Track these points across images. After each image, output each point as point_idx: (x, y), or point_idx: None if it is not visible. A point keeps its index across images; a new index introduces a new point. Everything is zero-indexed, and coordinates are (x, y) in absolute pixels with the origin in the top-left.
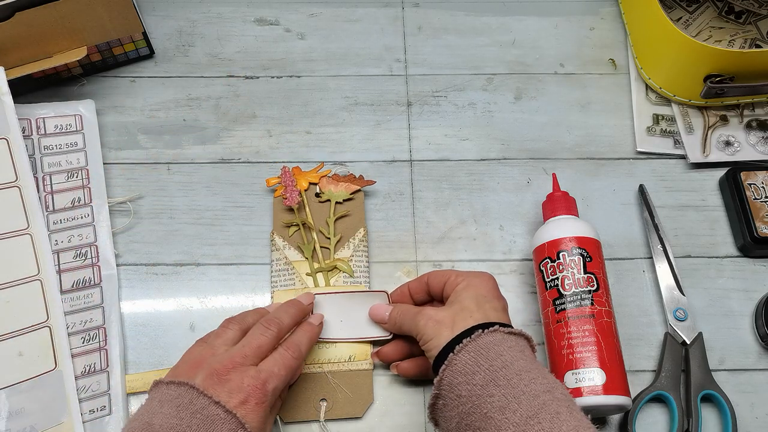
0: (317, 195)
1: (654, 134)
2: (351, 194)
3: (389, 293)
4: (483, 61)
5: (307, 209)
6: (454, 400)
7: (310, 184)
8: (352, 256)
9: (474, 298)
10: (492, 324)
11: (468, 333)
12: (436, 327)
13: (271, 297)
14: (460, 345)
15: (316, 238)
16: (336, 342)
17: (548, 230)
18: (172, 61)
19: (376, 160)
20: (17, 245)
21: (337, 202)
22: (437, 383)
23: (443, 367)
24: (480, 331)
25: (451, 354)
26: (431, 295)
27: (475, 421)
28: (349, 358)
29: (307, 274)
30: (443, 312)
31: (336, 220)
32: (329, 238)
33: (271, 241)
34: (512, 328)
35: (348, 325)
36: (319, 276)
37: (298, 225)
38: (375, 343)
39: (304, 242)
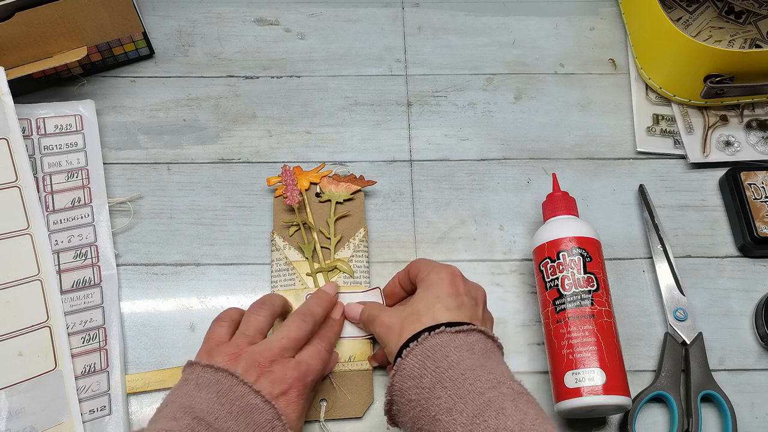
0: (317, 195)
1: (654, 134)
2: (351, 194)
3: (381, 288)
4: (483, 61)
5: (308, 209)
6: (406, 404)
7: (311, 183)
8: (352, 256)
9: (425, 300)
10: (440, 326)
11: (415, 337)
12: (388, 333)
13: None
14: (408, 349)
15: (316, 238)
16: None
17: (548, 230)
18: (172, 61)
19: (376, 160)
20: (17, 245)
21: (337, 202)
22: (388, 389)
23: (392, 372)
24: (426, 333)
25: (399, 359)
26: (413, 284)
27: (426, 424)
28: (349, 358)
29: (308, 275)
30: (395, 316)
31: (336, 220)
32: (329, 238)
33: (272, 240)
34: (463, 325)
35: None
36: (320, 276)
37: (298, 225)
38: (375, 342)
39: (304, 242)
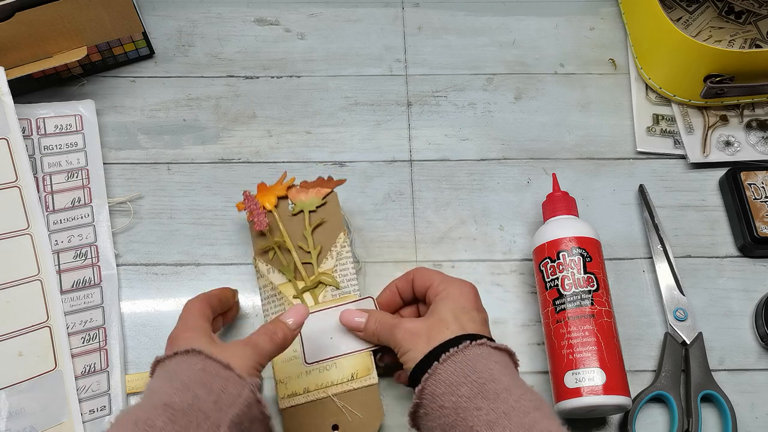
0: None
1: (654, 134)
2: (323, 199)
3: (375, 298)
4: (483, 61)
5: (281, 227)
6: (436, 410)
7: (279, 198)
8: (336, 265)
9: (451, 310)
10: (478, 336)
11: (453, 343)
12: (413, 339)
13: None
14: (447, 354)
15: (295, 256)
16: (333, 360)
17: (548, 230)
18: (172, 61)
19: (376, 160)
20: (17, 245)
21: (310, 211)
22: (418, 392)
23: (426, 376)
24: (468, 342)
25: (436, 362)
26: (416, 295)
27: None
28: (352, 376)
29: (294, 297)
30: (420, 323)
31: (313, 230)
32: (309, 252)
33: (255, 267)
34: (501, 344)
35: (339, 341)
36: (307, 296)
37: (275, 250)
38: (376, 354)
39: (283, 264)
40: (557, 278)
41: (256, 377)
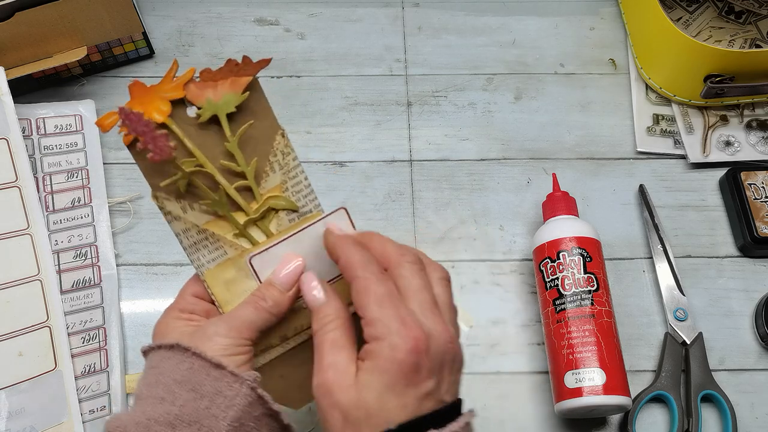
0: (195, 115)
1: (654, 134)
2: (243, 93)
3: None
4: (483, 61)
5: (190, 145)
6: None
7: (173, 103)
8: (285, 180)
9: (374, 387)
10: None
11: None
12: (330, 410)
13: (205, 281)
14: None
15: (223, 182)
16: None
17: (548, 230)
18: (172, 61)
19: (376, 160)
20: (17, 245)
21: (228, 114)
22: None
23: None
24: None
25: None
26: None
27: None
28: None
29: (236, 235)
30: (354, 393)
31: (240, 139)
32: (242, 172)
33: (161, 209)
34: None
35: (320, 269)
36: (255, 232)
37: (187, 178)
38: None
39: (209, 197)
40: (557, 278)
41: (249, 361)
